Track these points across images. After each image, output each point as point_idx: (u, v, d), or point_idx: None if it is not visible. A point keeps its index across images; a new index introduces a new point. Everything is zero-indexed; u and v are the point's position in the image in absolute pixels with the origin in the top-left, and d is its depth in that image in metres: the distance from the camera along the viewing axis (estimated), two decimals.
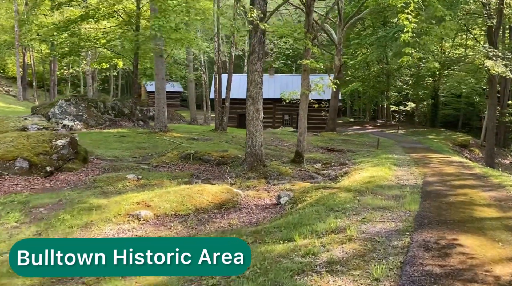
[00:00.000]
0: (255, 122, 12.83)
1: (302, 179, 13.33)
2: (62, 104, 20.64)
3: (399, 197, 8.76)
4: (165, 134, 20.40)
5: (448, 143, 31.68)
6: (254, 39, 12.44)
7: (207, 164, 13.35)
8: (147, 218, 7.66)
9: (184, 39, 24.78)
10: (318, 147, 24.04)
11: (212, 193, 9.09)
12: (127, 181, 10.35)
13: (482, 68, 26.20)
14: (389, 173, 12.43)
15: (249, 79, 12.74)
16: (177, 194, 8.82)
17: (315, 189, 9.29)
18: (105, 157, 14.03)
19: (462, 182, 11.29)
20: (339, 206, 7.73)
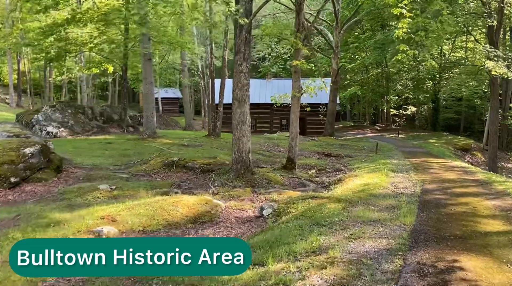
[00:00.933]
0: (242, 126, 12.00)
1: (292, 186, 12.49)
2: (47, 110, 19.86)
3: (394, 207, 7.92)
4: (154, 141, 19.59)
5: (449, 147, 30.87)
6: (239, 39, 11.63)
7: (191, 172, 12.51)
8: (110, 235, 6.80)
9: (175, 43, 24.13)
10: (315, 152, 23.22)
11: (188, 205, 8.24)
12: (99, 192, 9.51)
13: (483, 70, 25.39)
14: (385, 180, 11.59)
15: (235, 81, 11.93)
16: (149, 207, 7.98)
17: (302, 200, 8.43)
18: (84, 166, 13.21)
19: (464, 189, 10.44)
20: (326, 219, 6.89)
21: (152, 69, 20.18)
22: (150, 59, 20.00)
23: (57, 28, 21.38)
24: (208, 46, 24.74)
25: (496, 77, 23.89)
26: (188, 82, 36.01)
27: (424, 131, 40.75)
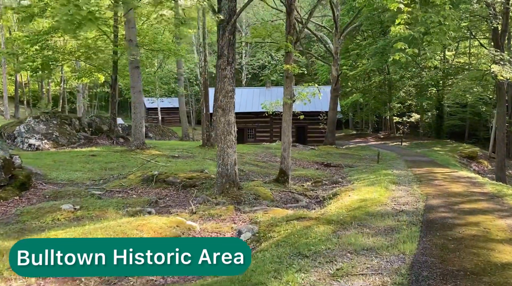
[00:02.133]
0: (227, 137, 10.92)
1: (283, 202, 11.39)
2: (30, 122, 18.88)
3: (393, 230, 6.81)
4: (142, 153, 18.56)
5: (454, 155, 29.72)
6: (222, 41, 10.59)
7: (172, 187, 11.42)
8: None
9: (166, 50, 23.21)
10: (314, 162, 22.15)
11: (155, 229, 7.15)
12: (60, 213, 8.44)
13: (489, 74, 24.24)
14: (385, 195, 10.48)
15: (218, 87, 10.87)
16: (110, 231, 6.90)
17: (287, 221, 7.32)
18: (58, 181, 12.16)
19: (473, 204, 9.30)
20: (311, 247, 5.79)
21: (140, 78, 19.19)
22: (138, 66, 19.01)
23: (42, 36, 20.53)
24: (201, 53, 23.76)
25: (502, 82, 22.75)
26: (184, 91, 35.05)
27: (428, 139, 39.64)
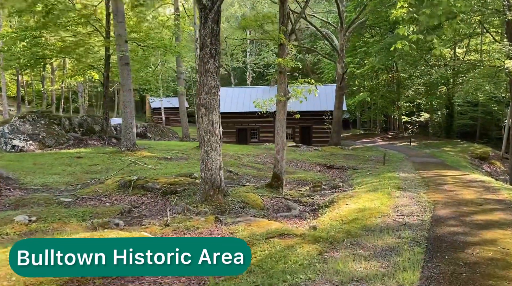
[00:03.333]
0: (210, 138, 9.79)
1: (275, 210, 10.23)
2: (15, 122, 17.95)
3: (392, 251, 5.66)
4: (132, 154, 17.52)
5: (465, 155, 28.33)
6: (204, 30, 9.47)
7: (150, 194, 10.31)
8: None
9: (161, 46, 22.21)
10: (316, 164, 20.93)
11: None
12: (11, 225, 7.38)
13: (502, 71, 22.91)
14: (387, 203, 9.32)
15: (201, 82, 9.74)
16: None
17: (266, 239, 6.18)
18: (30, 186, 11.15)
19: (487, 216, 8.10)
20: (287, 277, 4.66)
21: (130, 75, 18.16)
22: (128, 63, 17.96)
23: (30, 32, 19.62)
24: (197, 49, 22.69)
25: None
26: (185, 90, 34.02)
27: (437, 139, 38.22)
